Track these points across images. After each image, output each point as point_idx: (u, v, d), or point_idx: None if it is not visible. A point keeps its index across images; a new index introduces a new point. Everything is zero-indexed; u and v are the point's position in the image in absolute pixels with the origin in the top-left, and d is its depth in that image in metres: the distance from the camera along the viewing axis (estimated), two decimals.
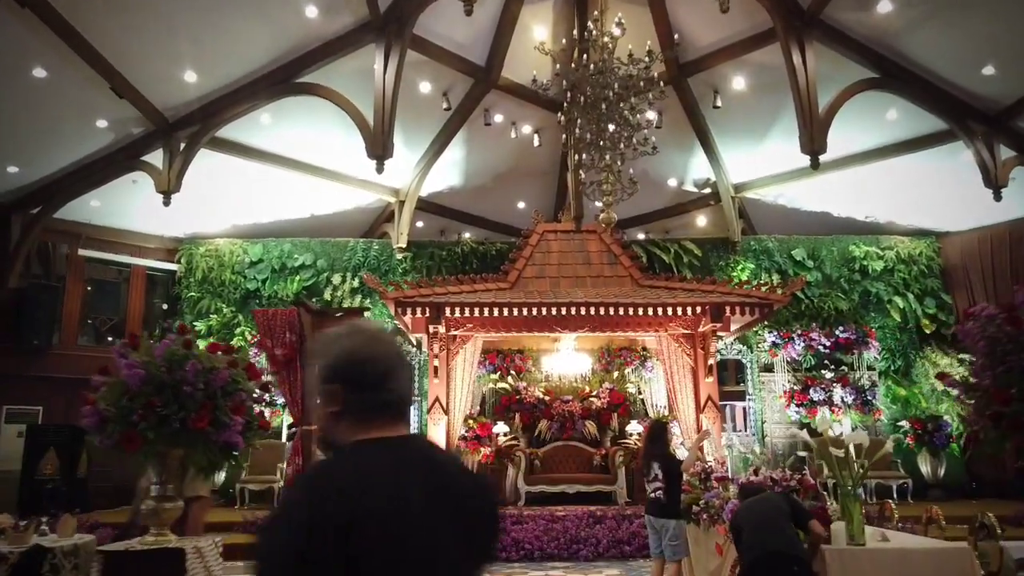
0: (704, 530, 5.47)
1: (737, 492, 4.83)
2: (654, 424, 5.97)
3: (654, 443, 5.69)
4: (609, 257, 11.98)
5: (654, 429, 5.87)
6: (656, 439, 5.71)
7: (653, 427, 5.91)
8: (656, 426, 5.90)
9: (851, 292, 13.25)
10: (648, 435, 5.83)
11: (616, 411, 12.23)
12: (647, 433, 5.90)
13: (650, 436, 5.79)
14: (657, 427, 5.89)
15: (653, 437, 5.75)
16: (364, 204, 13.61)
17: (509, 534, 8.55)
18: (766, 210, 13.78)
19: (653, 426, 5.92)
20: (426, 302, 10.72)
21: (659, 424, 5.99)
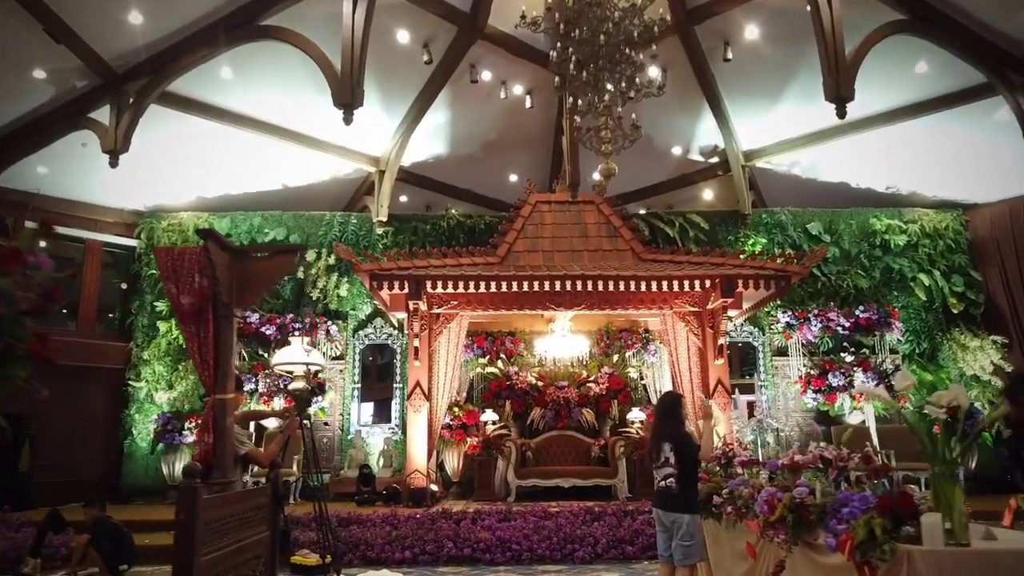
0: (728, 527, 4.39)
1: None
2: (667, 396, 4.90)
3: (667, 419, 4.61)
4: (608, 229, 10.89)
5: (667, 401, 4.79)
6: (669, 414, 4.63)
7: (666, 399, 4.84)
8: (670, 398, 4.82)
9: (872, 269, 12.16)
10: (660, 409, 4.74)
11: (616, 398, 11.16)
12: (659, 407, 4.80)
13: (662, 410, 4.71)
14: (671, 399, 4.81)
15: (666, 411, 4.67)
16: (341, 174, 12.51)
17: (494, 533, 7.48)
18: (778, 181, 12.69)
19: (666, 398, 4.85)
20: (405, 275, 9.63)
21: (673, 396, 4.91)
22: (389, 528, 7.90)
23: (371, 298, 11.76)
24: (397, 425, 11.67)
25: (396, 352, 12.05)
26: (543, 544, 7.29)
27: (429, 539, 7.36)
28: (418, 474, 9.79)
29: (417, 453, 9.91)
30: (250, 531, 3.77)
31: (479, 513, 8.33)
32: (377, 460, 11.20)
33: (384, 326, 12.06)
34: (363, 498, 10.01)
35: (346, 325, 12.01)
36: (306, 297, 11.94)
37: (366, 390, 12.29)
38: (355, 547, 7.28)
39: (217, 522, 3.38)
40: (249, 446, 4.37)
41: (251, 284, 3.96)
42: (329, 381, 11.67)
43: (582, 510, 8.36)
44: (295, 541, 7.09)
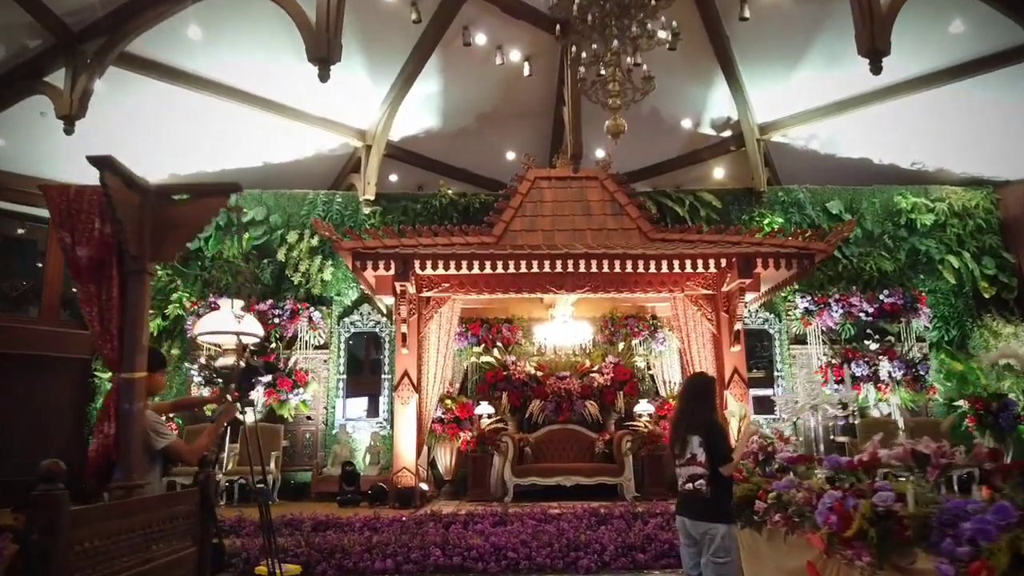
0: (769, 538, 3.53)
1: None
2: (697, 377, 4.02)
3: (696, 405, 3.75)
4: (613, 207, 10.03)
5: (697, 383, 3.91)
6: (700, 397, 3.77)
7: (696, 381, 3.96)
8: (700, 379, 3.95)
9: (896, 250, 11.30)
10: (688, 392, 3.86)
11: (621, 389, 10.31)
12: (686, 390, 3.91)
13: (690, 393, 3.84)
14: (701, 381, 3.94)
15: (695, 395, 3.80)
16: (326, 150, 11.64)
17: (488, 539, 6.62)
18: (795, 157, 11.82)
19: (696, 380, 3.97)
20: (391, 254, 8.79)
21: (703, 377, 4.03)
22: (370, 533, 7.05)
23: (357, 283, 10.90)
24: (385, 419, 10.81)
25: (384, 341, 11.19)
26: (543, 551, 6.43)
27: (414, 546, 6.51)
28: (406, 472, 8.95)
29: (405, 449, 9.07)
30: (166, 547, 2.92)
31: (471, 516, 7.47)
32: (363, 457, 10.35)
33: (371, 312, 11.20)
34: (346, 498, 9.16)
35: (330, 312, 11.15)
36: (287, 281, 11.08)
37: (357, 384, 11.39)
38: (330, 555, 6.42)
39: (111, 538, 2.53)
40: (170, 438, 3.51)
41: (170, 232, 3.10)
42: (312, 372, 10.81)
43: (586, 512, 7.51)
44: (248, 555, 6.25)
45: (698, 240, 9.28)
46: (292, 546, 6.52)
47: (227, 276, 10.96)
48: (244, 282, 10.93)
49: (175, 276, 11.01)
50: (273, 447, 9.91)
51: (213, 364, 9.75)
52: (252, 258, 11.14)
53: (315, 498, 9.89)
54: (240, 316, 3.92)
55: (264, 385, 10.20)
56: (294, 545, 6.54)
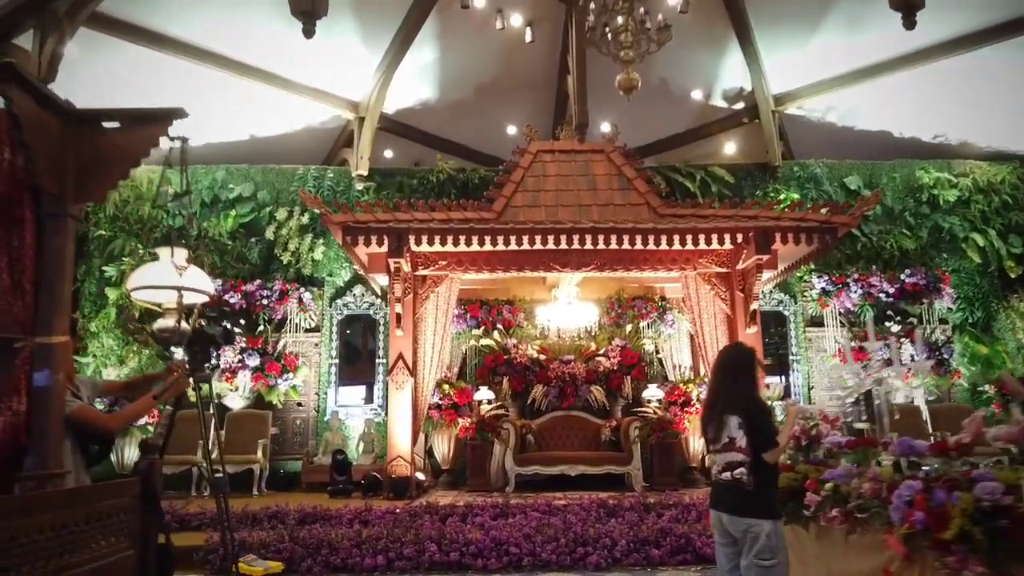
0: (822, 538, 2.98)
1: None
2: (736, 349, 3.44)
3: (736, 379, 3.17)
4: (620, 181, 9.41)
5: (736, 354, 3.33)
6: (739, 371, 3.19)
7: (735, 352, 3.37)
8: (740, 351, 3.36)
9: (918, 228, 10.73)
10: (724, 366, 3.27)
11: (629, 373, 9.74)
12: (723, 362, 3.33)
13: (728, 365, 3.25)
14: (741, 352, 3.35)
15: (734, 366, 3.23)
16: (317, 123, 11.05)
17: (488, 532, 6.08)
18: (811, 130, 11.23)
19: (735, 351, 3.38)
20: (384, 229, 8.22)
21: (743, 348, 3.45)
22: (360, 526, 6.51)
23: (350, 262, 10.34)
24: (380, 405, 10.26)
25: (379, 324, 10.63)
26: (548, 547, 5.89)
27: (408, 540, 5.96)
28: (401, 461, 8.41)
29: (399, 437, 8.52)
30: (89, 552, 2.36)
31: (470, 507, 6.93)
32: (356, 445, 9.81)
33: (365, 294, 10.64)
34: (337, 488, 8.62)
35: (322, 293, 10.59)
36: (276, 261, 10.51)
37: (354, 373, 10.79)
38: (316, 550, 5.88)
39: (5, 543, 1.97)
40: (74, 404, 2.86)
41: (99, 167, 2.53)
42: (303, 356, 10.26)
43: (594, 503, 6.96)
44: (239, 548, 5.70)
45: (711, 215, 8.67)
46: (275, 540, 5.98)
47: (212, 256, 10.39)
48: (231, 262, 10.38)
49: (157, 256, 10.39)
50: (260, 435, 9.37)
51: (150, 329, 9.04)
52: (239, 236, 10.57)
53: (305, 488, 9.36)
54: (182, 268, 3.33)
55: (251, 369, 9.66)
56: (277, 540, 5.99)
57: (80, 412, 2.88)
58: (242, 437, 9.30)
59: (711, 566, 5.80)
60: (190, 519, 6.83)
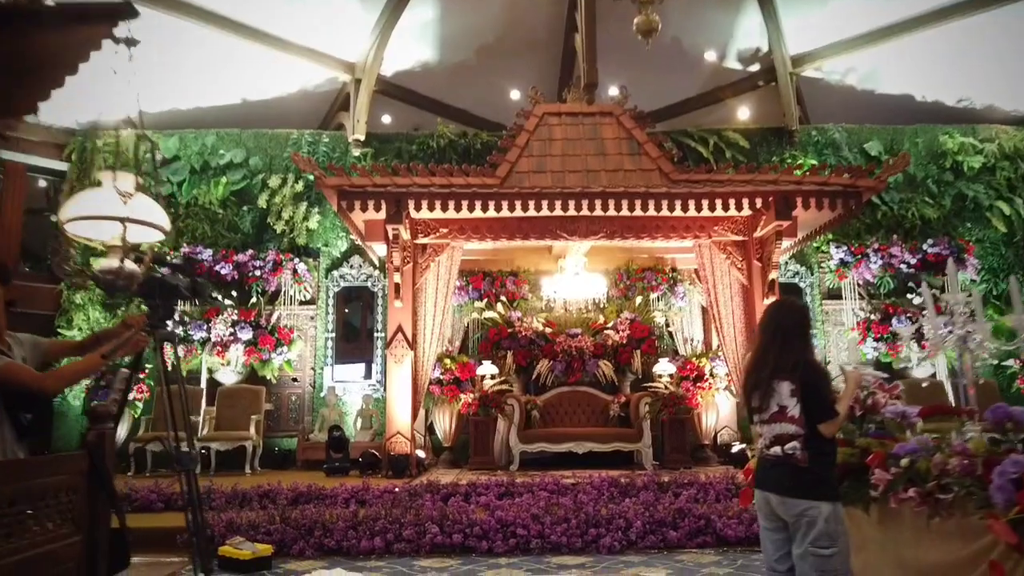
0: (886, 521, 2.56)
1: None
2: (787, 303, 2.97)
3: (787, 338, 2.73)
4: (630, 146, 8.94)
5: (787, 311, 2.83)
6: (791, 330, 2.72)
7: (785, 308, 2.89)
8: (791, 307, 2.88)
9: (941, 196, 10.25)
10: (774, 322, 2.80)
11: (639, 348, 9.32)
12: (772, 319, 2.86)
13: (778, 322, 2.77)
14: (793, 308, 2.86)
15: (785, 325, 2.74)
16: (311, 86, 10.54)
17: (493, 513, 5.68)
18: (830, 94, 10.73)
19: (785, 306, 2.94)
20: (381, 193, 7.75)
21: (795, 304, 2.98)
22: (356, 506, 6.12)
23: (347, 231, 9.88)
24: (379, 380, 9.85)
25: (377, 296, 10.19)
26: (557, 528, 5.50)
27: (407, 521, 5.58)
28: (400, 438, 8.01)
29: (399, 413, 8.11)
30: (28, 538, 1.93)
31: (473, 486, 6.54)
32: (354, 421, 9.41)
33: (363, 265, 10.19)
34: (333, 467, 8.23)
35: (317, 264, 10.14)
36: (269, 230, 10.04)
37: (353, 351, 10.34)
38: (308, 532, 5.50)
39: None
40: (3, 359, 2.41)
41: (26, 72, 2.07)
42: (298, 329, 9.83)
43: (605, 482, 6.56)
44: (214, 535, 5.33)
45: (727, 180, 8.21)
46: (264, 521, 5.60)
47: (203, 224, 9.93)
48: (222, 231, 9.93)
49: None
50: (254, 411, 8.97)
51: (91, 271, 8.33)
52: (230, 205, 10.10)
53: (301, 466, 8.99)
54: (127, 195, 2.88)
55: (244, 343, 9.24)
56: (267, 520, 5.61)
57: (4, 370, 2.44)
58: (234, 413, 8.91)
59: (732, 549, 5.41)
60: (175, 499, 6.42)
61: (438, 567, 5.12)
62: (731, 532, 5.45)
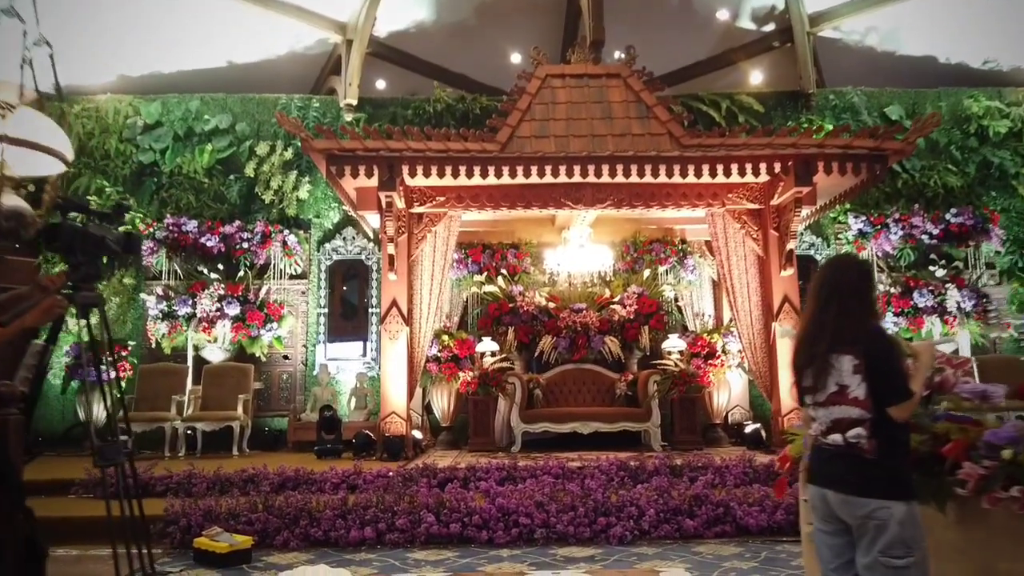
0: (968, 522, 2.11)
1: None
2: (845, 260, 2.49)
3: (846, 302, 2.27)
4: (638, 109, 8.37)
5: (846, 269, 2.33)
6: (852, 291, 2.21)
7: (844, 266, 2.40)
8: (851, 264, 2.39)
9: (965, 163, 9.74)
10: (830, 284, 2.30)
11: (647, 323, 8.86)
12: (827, 280, 2.36)
13: (836, 283, 2.32)
14: (853, 265, 2.37)
15: (845, 285, 2.28)
16: (300, 48, 9.98)
17: (494, 500, 5.25)
18: (848, 55, 10.18)
19: (844, 264, 2.45)
20: (374, 157, 7.24)
21: (855, 261, 2.49)
22: (347, 492, 5.70)
23: (340, 202, 9.38)
24: (373, 358, 9.41)
25: (371, 270, 9.71)
26: (564, 517, 5.07)
27: (401, 509, 5.15)
28: (395, 418, 7.57)
29: (394, 392, 7.67)
30: None
31: (473, 470, 6.11)
32: (348, 400, 8.98)
33: (356, 237, 9.70)
34: (325, 448, 7.80)
35: (308, 236, 9.65)
36: (257, 200, 9.54)
37: (351, 329, 9.84)
38: (294, 521, 5.07)
39: None
40: None
41: None
42: (288, 305, 9.37)
43: (614, 466, 6.13)
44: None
45: (743, 145, 7.67)
46: (246, 509, 5.16)
47: (187, 194, 9.43)
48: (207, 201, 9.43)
49: (127, 194, 9.46)
50: (242, 389, 8.53)
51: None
52: (216, 173, 9.58)
53: (292, 448, 8.57)
54: (7, 107, 2.39)
55: (231, 319, 8.78)
56: (248, 508, 5.17)
57: None
58: (221, 392, 8.47)
59: (754, 539, 4.99)
60: (154, 484, 6.01)
61: (433, 559, 4.70)
62: (752, 521, 5.03)
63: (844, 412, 2.19)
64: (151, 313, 8.86)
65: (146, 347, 9.12)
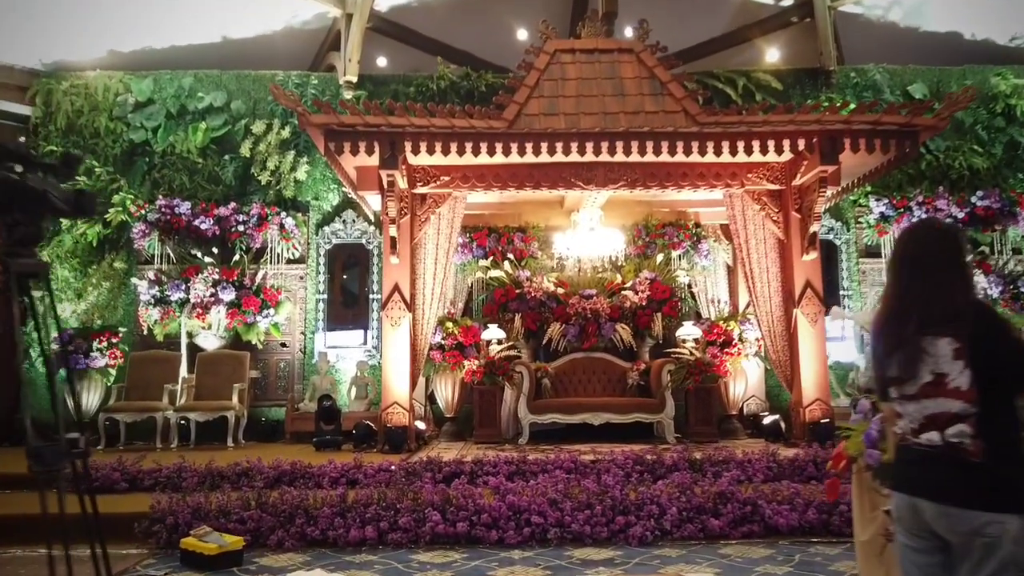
0: None
1: None
2: (935, 225, 2.12)
3: (940, 274, 1.90)
4: (652, 85, 7.95)
5: (938, 236, 2.00)
6: (946, 261, 1.90)
7: (926, 229, 2.09)
8: (942, 229, 2.02)
9: (992, 144, 9.34)
10: (920, 249, 1.97)
11: (660, 310, 8.49)
12: (916, 246, 1.99)
13: (926, 251, 1.95)
14: (945, 233, 1.97)
15: (936, 254, 1.94)
16: (298, 23, 9.58)
17: (504, 497, 4.90)
18: (869, 32, 9.76)
19: (933, 229, 2.06)
20: (374, 133, 6.84)
21: (946, 227, 2.10)
22: (346, 488, 5.34)
23: (339, 183, 8.99)
24: (375, 346, 9.05)
25: (372, 254, 9.33)
26: (579, 515, 4.72)
27: (404, 507, 4.80)
28: (397, 408, 7.22)
29: (396, 381, 7.31)
30: None
31: (480, 464, 5.76)
32: (348, 390, 8.62)
33: (356, 220, 9.32)
34: (324, 440, 7.45)
35: (306, 219, 9.27)
36: (253, 181, 9.15)
37: (352, 317, 9.46)
38: (289, 519, 4.72)
39: None
40: None
41: None
42: (286, 290, 8.99)
43: (630, 460, 5.77)
44: None
45: (762, 122, 7.27)
46: (238, 507, 4.81)
47: (180, 175, 9.04)
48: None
49: (117, 175, 9.07)
50: (237, 378, 8.17)
51: None
52: (210, 153, 9.20)
53: (289, 439, 8.23)
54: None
55: (226, 304, 8.40)
56: (240, 505, 4.82)
57: None
58: (216, 381, 8.12)
59: (785, 540, 4.64)
60: (142, 478, 5.67)
61: (439, 562, 4.35)
62: (782, 520, 4.68)
63: (942, 406, 1.82)
64: (143, 299, 8.49)
65: (138, 334, 8.76)
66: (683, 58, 10.01)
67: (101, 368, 8.31)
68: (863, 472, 2.84)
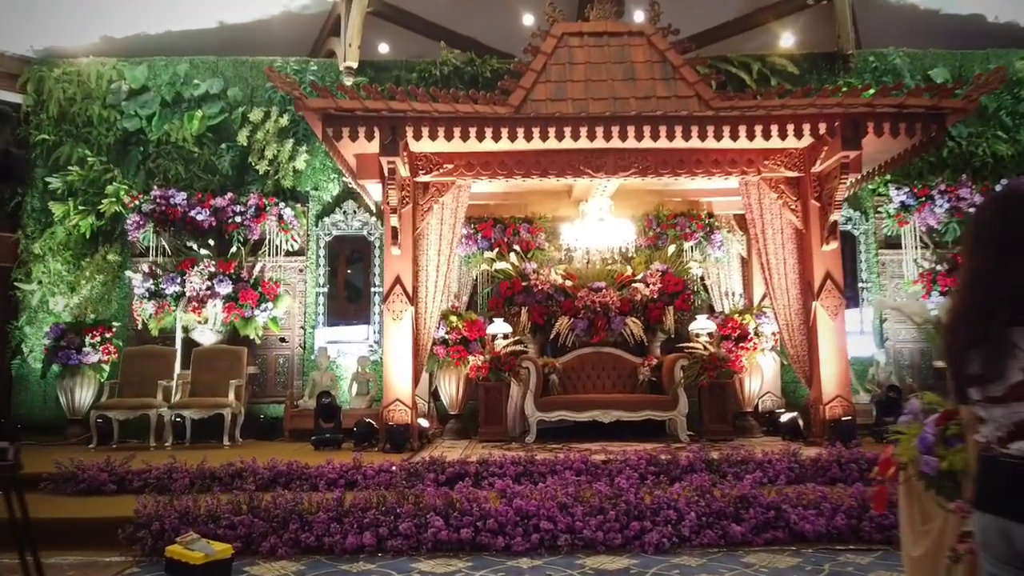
0: None
1: None
2: (1014, 192, 1.78)
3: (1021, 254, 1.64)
4: (664, 70, 7.64)
5: (1019, 203, 1.73)
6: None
7: (1013, 199, 1.68)
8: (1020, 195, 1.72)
9: (1016, 130, 9.00)
10: (998, 223, 1.64)
11: (672, 303, 8.18)
12: (990, 218, 1.68)
13: (1006, 226, 1.62)
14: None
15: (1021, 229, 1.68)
16: (296, 7, 9.26)
17: (511, 501, 4.60)
18: (888, 15, 9.40)
19: (1012, 198, 1.68)
20: (375, 118, 6.54)
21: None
22: (344, 490, 5.05)
23: (339, 173, 8.70)
24: (376, 341, 8.76)
25: (374, 246, 9.04)
26: (591, 520, 4.42)
27: (405, 511, 4.51)
28: (399, 405, 6.93)
29: (398, 378, 7.02)
30: None
31: (485, 465, 5.46)
32: (348, 386, 8.34)
33: (357, 211, 9.03)
34: (323, 438, 7.16)
35: (305, 209, 8.98)
36: (250, 171, 8.87)
37: (355, 313, 9.17)
38: (283, 525, 4.44)
39: None
40: None
41: None
42: (285, 283, 8.71)
43: (643, 460, 5.47)
44: None
45: (781, 105, 6.94)
46: (228, 511, 4.53)
47: (176, 164, 8.76)
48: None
49: (111, 164, 8.80)
50: (234, 374, 7.89)
51: None
52: (207, 142, 8.91)
53: (288, 437, 7.95)
54: None
55: (223, 298, 8.13)
56: (231, 510, 4.54)
57: None
58: (212, 377, 7.83)
59: (809, 547, 4.33)
60: (131, 479, 5.39)
61: (442, 571, 4.07)
62: (808, 526, 4.38)
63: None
64: (137, 292, 8.21)
65: (131, 328, 8.50)
66: (696, 42, 9.67)
67: (94, 364, 8.04)
68: (913, 480, 2.54)
